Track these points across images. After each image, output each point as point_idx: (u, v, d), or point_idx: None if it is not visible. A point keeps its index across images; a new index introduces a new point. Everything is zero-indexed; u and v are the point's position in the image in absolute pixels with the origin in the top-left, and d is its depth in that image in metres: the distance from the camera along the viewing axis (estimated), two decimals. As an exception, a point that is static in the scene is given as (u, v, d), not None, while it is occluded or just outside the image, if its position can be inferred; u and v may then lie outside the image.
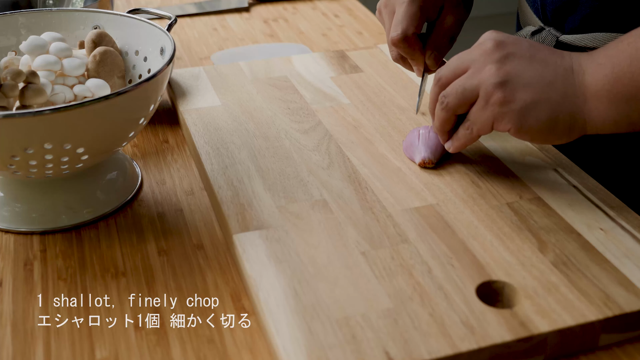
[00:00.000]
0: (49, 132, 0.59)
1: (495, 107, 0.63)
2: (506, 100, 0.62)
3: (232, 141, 0.76)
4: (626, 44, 0.61)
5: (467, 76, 0.65)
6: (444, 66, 0.67)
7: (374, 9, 0.85)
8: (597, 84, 0.61)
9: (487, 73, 0.63)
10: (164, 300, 0.59)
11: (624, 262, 0.59)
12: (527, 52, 0.63)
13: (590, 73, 0.61)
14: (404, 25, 0.74)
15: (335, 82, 0.88)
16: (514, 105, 0.62)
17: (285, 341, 0.52)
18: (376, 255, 0.60)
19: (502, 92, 0.62)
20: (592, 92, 0.61)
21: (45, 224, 0.67)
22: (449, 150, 0.69)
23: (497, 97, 0.62)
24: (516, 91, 0.62)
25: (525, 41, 0.65)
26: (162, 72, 0.64)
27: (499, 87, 0.62)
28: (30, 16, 0.75)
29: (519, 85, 0.62)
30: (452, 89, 0.66)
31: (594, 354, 0.54)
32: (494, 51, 0.63)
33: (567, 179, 0.69)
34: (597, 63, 0.61)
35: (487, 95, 0.63)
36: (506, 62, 0.63)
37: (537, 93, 0.62)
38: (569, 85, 0.62)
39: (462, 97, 0.65)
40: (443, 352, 0.51)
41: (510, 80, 0.62)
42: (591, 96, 0.61)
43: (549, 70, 0.62)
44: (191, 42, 1.10)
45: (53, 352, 0.55)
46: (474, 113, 0.65)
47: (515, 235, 0.62)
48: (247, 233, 0.63)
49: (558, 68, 0.63)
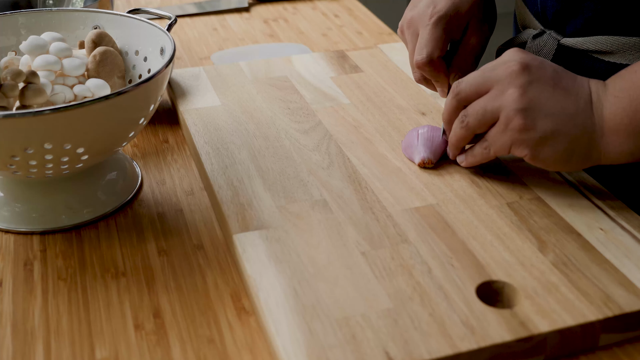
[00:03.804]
0: (49, 132, 0.59)
1: (515, 132, 0.62)
2: (526, 128, 0.62)
3: (232, 141, 0.76)
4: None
5: (490, 97, 0.64)
6: (465, 80, 0.67)
7: (374, 9, 0.85)
8: (615, 118, 0.61)
9: (510, 97, 0.62)
10: (164, 300, 0.59)
11: (624, 262, 0.59)
12: (551, 79, 0.63)
13: (608, 107, 0.62)
14: (429, 49, 0.74)
15: (335, 82, 0.88)
16: (534, 134, 0.62)
17: (285, 341, 0.52)
18: (376, 255, 0.60)
19: (523, 119, 0.62)
20: (610, 126, 0.61)
21: (45, 224, 0.67)
22: (461, 164, 0.70)
23: (517, 123, 0.62)
24: (537, 120, 0.62)
25: (550, 66, 0.64)
26: (162, 72, 0.64)
27: (521, 114, 0.62)
28: (30, 16, 0.75)
29: (540, 114, 0.62)
30: (473, 110, 0.65)
31: (594, 354, 0.54)
32: (519, 75, 0.63)
33: (567, 179, 0.69)
34: (614, 96, 0.61)
35: (507, 120, 0.63)
36: (530, 88, 0.62)
37: (557, 124, 0.62)
38: (588, 118, 0.62)
39: (483, 119, 0.65)
40: (443, 352, 0.51)
41: (533, 108, 0.62)
42: (609, 130, 0.61)
43: (570, 101, 0.62)
44: (191, 42, 1.10)
45: (53, 352, 0.55)
46: (492, 135, 0.64)
47: (515, 235, 0.62)
48: (247, 233, 0.63)
49: (580, 100, 0.62)
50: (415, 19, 0.77)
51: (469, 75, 0.67)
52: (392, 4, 2.37)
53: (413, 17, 0.77)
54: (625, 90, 0.61)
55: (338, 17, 1.19)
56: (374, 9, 1.39)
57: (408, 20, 0.78)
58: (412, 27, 0.77)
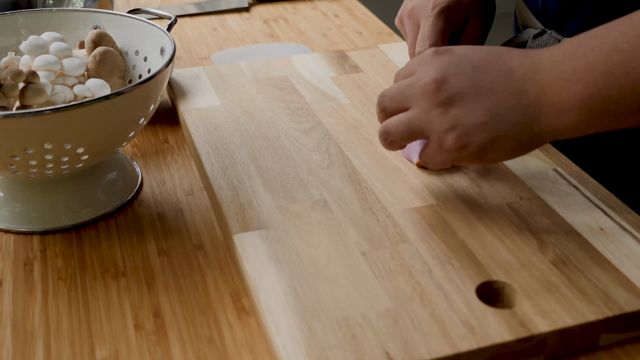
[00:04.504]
0: (49, 132, 0.59)
1: (452, 152, 0.59)
2: (462, 146, 0.58)
3: (232, 141, 0.76)
4: (598, 55, 0.55)
5: (411, 117, 0.60)
6: (387, 94, 0.63)
7: (374, 9, 0.85)
8: (565, 103, 0.56)
9: (435, 119, 0.59)
10: (164, 300, 0.59)
11: (624, 262, 0.59)
12: (471, 85, 0.58)
13: (554, 92, 0.56)
14: (432, 41, 0.73)
15: (335, 82, 0.88)
16: (471, 149, 0.58)
17: (285, 341, 0.52)
18: (376, 255, 0.60)
19: (455, 138, 0.58)
20: (558, 110, 0.56)
21: (45, 224, 0.67)
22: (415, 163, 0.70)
23: (450, 143, 0.58)
24: (470, 135, 0.58)
25: (468, 64, 0.59)
26: (162, 72, 0.64)
27: (451, 134, 0.58)
28: (30, 16, 0.75)
29: (471, 128, 0.58)
30: (396, 128, 0.61)
31: (594, 354, 0.54)
32: (435, 93, 0.59)
33: (567, 179, 0.69)
34: (563, 79, 0.56)
35: (440, 141, 0.59)
36: (452, 104, 0.58)
37: (492, 131, 0.58)
38: (525, 112, 0.57)
39: (409, 136, 0.61)
40: (443, 352, 0.51)
41: (460, 124, 0.58)
42: (558, 115, 0.56)
43: (498, 101, 0.58)
44: (191, 42, 1.10)
45: (53, 352, 0.55)
46: (429, 156, 0.61)
47: (515, 235, 0.62)
48: (247, 233, 0.63)
49: (509, 96, 0.58)
50: (416, 10, 0.76)
51: (390, 89, 0.63)
52: (392, 4, 2.37)
53: (414, 7, 0.76)
54: (580, 73, 0.55)
55: (338, 17, 1.19)
56: (374, 9, 1.39)
57: (409, 10, 0.77)
58: (413, 18, 0.76)
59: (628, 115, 0.56)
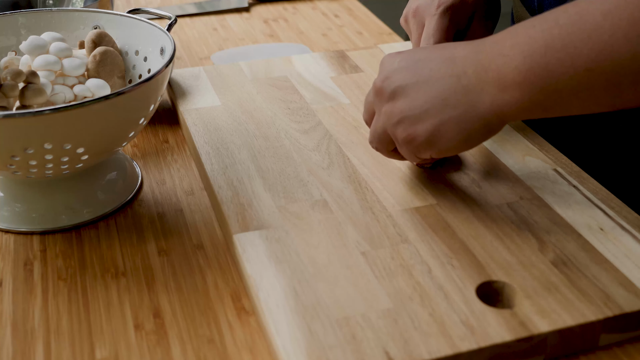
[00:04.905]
0: (49, 132, 0.59)
1: (408, 145, 0.62)
2: (411, 138, 0.61)
3: (232, 141, 0.76)
4: (539, 31, 0.55)
5: (375, 121, 0.65)
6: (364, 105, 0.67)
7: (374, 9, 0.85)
8: (505, 77, 0.56)
9: (385, 117, 0.62)
10: (164, 300, 0.59)
11: (624, 262, 0.59)
12: (412, 77, 0.61)
13: (494, 69, 0.57)
14: (436, 39, 0.73)
15: (335, 82, 0.88)
16: (420, 139, 0.61)
17: (285, 341, 0.52)
18: (376, 255, 0.60)
19: (403, 131, 0.61)
20: (500, 86, 0.56)
21: (45, 224, 0.67)
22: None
23: (401, 138, 0.62)
24: (415, 125, 0.60)
25: (412, 59, 0.62)
26: (162, 72, 0.64)
27: (398, 128, 0.61)
28: (30, 16, 0.75)
29: (415, 119, 0.60)
30: (372, 135, 0.66)
31: (594, 354, 0.54)
32: (381, 90, 0.62)
33: (567, 179, 0.69)
34: (503, 55, 0.56)
35: (395, 138, 0.63)
36: (395, 98, 0.61)
37: (435, 118, 0.59)
38: (466, 93, 0.58)
39: (384, 142, 0.65)
40: (443, 352, 0.51)
41: (406, 117, 0.61)
42: (500, 91, 0.57)
43: (437, 87, 0.59)
44: (191, 42, 1.10)
45: (53, 352, 0.55)
46: (402, 152, 0.64)
47: (515, 235, 0.62)
48: (247, 233, 0.63)
49: (449, 80, 0.59)
50: (421, 9, 0.76)
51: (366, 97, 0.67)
52: (392, 4, 2.37)
53: (419, 6, 0.77)
54: (518, 47, 0.55)
55: (338, 17, 1.19)
56: (374, 9, 1.39)
57: (414, 9, 0.77)
58: (418, 17, 0.76)
59: (571, 95, 0.55)
